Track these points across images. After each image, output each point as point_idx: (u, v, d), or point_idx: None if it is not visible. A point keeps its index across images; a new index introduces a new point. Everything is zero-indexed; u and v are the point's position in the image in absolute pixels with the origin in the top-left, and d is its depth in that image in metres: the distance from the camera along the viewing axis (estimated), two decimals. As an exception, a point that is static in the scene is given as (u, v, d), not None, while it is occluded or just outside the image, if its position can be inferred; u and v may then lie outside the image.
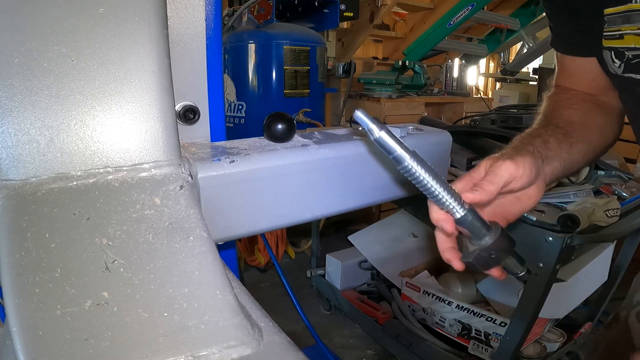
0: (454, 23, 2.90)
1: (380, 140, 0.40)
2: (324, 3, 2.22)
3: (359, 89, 2.66)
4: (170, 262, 0.41)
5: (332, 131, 0.79)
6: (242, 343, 0.38)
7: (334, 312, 2.00)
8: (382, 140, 0.40)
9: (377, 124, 0.40)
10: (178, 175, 0.49)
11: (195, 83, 0.66)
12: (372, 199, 0.76)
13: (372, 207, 2.59)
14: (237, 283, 0.47)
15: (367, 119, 0.40)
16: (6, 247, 0.37)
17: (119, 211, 0.43)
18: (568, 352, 1.50)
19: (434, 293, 1.54)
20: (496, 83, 4.57)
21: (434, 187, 0.42)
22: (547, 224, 0.97)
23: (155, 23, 0.46)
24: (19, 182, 0.42)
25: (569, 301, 1.40)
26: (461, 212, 0.43)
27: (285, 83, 2.03)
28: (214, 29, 0.66)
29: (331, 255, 1.93)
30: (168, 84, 0.48)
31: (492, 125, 1.65)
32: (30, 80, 0.41)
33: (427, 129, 0.88)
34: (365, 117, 0.40)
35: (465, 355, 1.43)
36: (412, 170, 0.41)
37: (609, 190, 1.17)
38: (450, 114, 3.03)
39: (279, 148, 0.65)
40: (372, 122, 0.40)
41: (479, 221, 0.45)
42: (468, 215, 0.44)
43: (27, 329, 0.33)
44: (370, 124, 0.40)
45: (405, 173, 0.42)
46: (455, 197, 0.43)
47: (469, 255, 0.46)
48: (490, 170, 0.49)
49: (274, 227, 0.67)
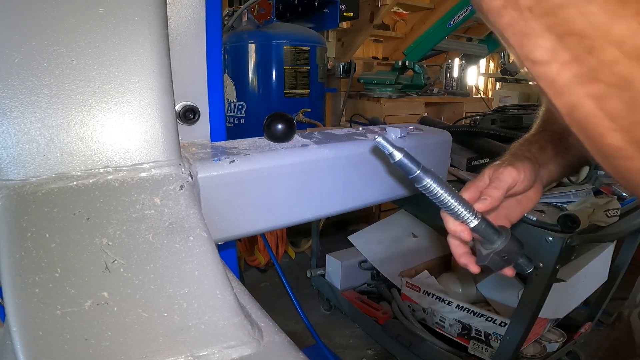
0: (454, 23, 2.90)
1: (401, 162, 0.43)
2: (324, 3, 2.21)
3: (359, 89, 2.66)
4: (170, 262, 0.41)
5: (332, 131, 0.79)
6: (242, 343, 0.38)
7: (334, 312, 2.00)
8: (403, 163, 0.43)
9: (397, 149, 0.43)
10: (178, 175, 0.49)
11: (195, 83, 0.66)
12: (372, 199, 0.76)
13: (372, 207, 2.59)
14: (237, 283, 0.47)
15: (389, 144, 0.43)
16: (6, 247, 0.37)
17: (119, 211, 0.43)
18: (568, 352, 1.50)
19: (434, 293, 1.54)
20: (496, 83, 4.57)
21: (451, 202, 0.46)
22: (547, 224, 0.97)
23: (155, 23, 0.46)
24: (19, 182, 0.42)
25: (569, 301, 1.40)
26: (475, 222, 0.47)
27: (285, 83, 2.03)
28: (214, 29, 0.66)
29: (331, 255, 1.93)
30: (168, 84, 0.48)
31: (492, 125, 1.65)
32: (30, 80, 0.41)
33: (427, 129, 0.88)
34: (387, 144, 0.43)
35: (465, 355, 1.43)
36: (431, 188, 0.45)
37: (609, 190, 1.17)
38: (450, 114, 3.03)
39: (279, 148, 0.65)
40: (393, 147, 0.43)
41: (491, 227, 0.48)
42: (482, 224, 0.47)
43: (27, 329, 0.33)
44: (390, 149, 0.43)
45: (425, 191, 0.45)
46: (468, 208, 0.47)
47: (483, 259, 0.50)
48: (494, 177, 0.52)
49: (274, 227, 0.67)
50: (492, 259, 0.49)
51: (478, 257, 0.51)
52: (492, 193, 0.50)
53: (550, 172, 0.58)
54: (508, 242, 0.48)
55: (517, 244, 0.50)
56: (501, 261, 0.49)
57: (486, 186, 0.52)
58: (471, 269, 0.52)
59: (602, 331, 1.75)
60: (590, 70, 0.22)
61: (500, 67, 4.19)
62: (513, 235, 0.50)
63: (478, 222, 0.47)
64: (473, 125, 1.54)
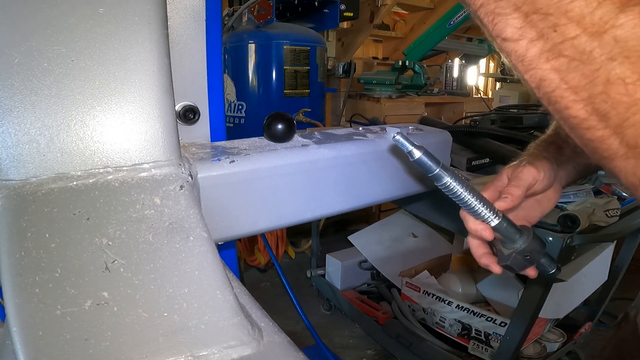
0: (454, 23, 2.90)
1: (420, 160, 0.42)
2: (324, 3, 2.22)
3: (359, 89, 2.66)
4: (170, 262, 0.41)
5: (332, 131, 0.79)
6: (242, 343, 0.38)
7: (334, 312, 2.00)
8: (422, 161, 0.42)
9: (416, 147, 0.42)
10: (178, 175, 0.49)
11: (195, 83, 0.66)
12: (372, 199, 0.76)
13: (372, 207, 2.60)
14: (237, 283, 0.47)
15: (407, 142, 0.42)
16: (6, 247, 0.37)
17: (119, 211, 0.43)
18: (568, 352, 1.50)
19: (434, 293, 1.54)
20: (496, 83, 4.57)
21: (471, 200, 0.45)
22: (547, 224, 0.97)
23: (155, 23, 0.46)
24: (19, 182, 0.42)
25: (569, 301, 1.40)
26: (496, 221, 0.46)
27: (285, 83, 2.03)
28: (214, 29, 0.66)
29: (331, 255, 1.93)
30: (168, 84, 0.48)
31: (492, 125, 1.65)
32: (30, 80, 0.41)
33: (427, 129, 0.88)
34: (405, 141, 0.42)
35: (465, 355, 1.43)
36: (451, 186, 0.44)
37: (609, 190, 1.17)
38: (450, 114, 3.03)
39: (279, 148, 0.65)
40: (412, 144, 0.42)
41: (512, 226, 0.47)
42: (503, 223, 0.46)
43: (27, 329, 0.33)
44: (409, 147, 0.42)
45: (444, 189, 0.44)
46: (489, 207, 0.46)
47: (505, 259, 0.49)
48: (514, 176, 0.51)
49: (274, 227, 0.67)
50: (515, 259, 0.48)
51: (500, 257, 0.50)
52: (513, 191, 0.49)
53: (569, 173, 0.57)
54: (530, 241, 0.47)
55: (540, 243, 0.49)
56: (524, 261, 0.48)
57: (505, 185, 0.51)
58: (493, 270, 0.51)
59: (605, 331, 1.76)
60: (553, 45, 0.24)
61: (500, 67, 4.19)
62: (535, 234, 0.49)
63: (499, 221, 0.46)
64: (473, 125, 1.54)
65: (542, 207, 0.57)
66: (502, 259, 0.49)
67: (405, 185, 0.79)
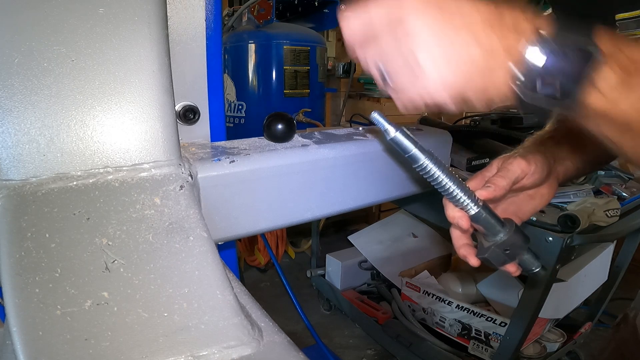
0: (454, 23, 2.90)
1: (396, 139, 0.42)
2: (324, 3, 2.21)
3: (359, 89, 2.66)
4: (170, 262, 0.41)
5: (332, 131, 0.79)
6: (242, 343, 0.38)
7: (334, 312, 2.00)
8: (398, 140, 0.42)
9: (393, 125, 0.42)
10: (178, 175, 0.49)
11: (195, 83, 0.66)
12: (372, 199, 0.76)
13: (372, 207, 2.59)
14: (237, 283, 0.47)
15: (384, 120, 0.42)
16: (6, 247, 0.37)
17: (119, 211, 0.43)
18: (568, 352, 1.50)
19: (434, 293, 1.54)
20: (496, 83, 4.56)
21: (449, 185, 0.44)
22: (547, 224, 0.97)
23: (155, 23, 0.46)
24: (19, 182, 0.42)
25: (569, 301, 1.40)
26: (475, 209, 0.45)
27: (285, 83, 2.03)
28: (214, 29, 0.66)
29: (331, 255, 1.93)
30: (168, 84, 0.48)
31: (493, 125, 1.65)
32: (30, 80, 0.41)
33: (427, 129, 0.88)
34: (382, 119, 0.42)
35: (465, 355, 1.43)
36: (428, 168, 0.43)
37: (609, 190, 1.17)
38: (450, 114, 3.03)
39: (279, 148, 0.65)
40: (388, 123, 0.42)
41: (493, 218, 0.46)
42: (482, 212, 0.45)
43: (27, 329, 0.33)
44: (386, 125, 0.42)
45: (421, 171, 0.43)
46: (469, 195, 0.45)
47: (483, 251, 0.47)
48: (502, 167, 0.50)
49: (274, 227, 0.67)
50: (493, 252, 0.46)
51: (479, 250, 0.48)
52: (497, 182, 0.47)
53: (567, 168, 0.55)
54: (511, 234, 0.46)
55: (522, 238, 0.47)
56: (503, 255, 0.46)
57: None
58: (470, 262, 0.49)
59: (605, 331, 1.76)
60: None
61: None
62: (517, 228, 0.47)
63: (478, 210, 0.45)
64: (473, 125, 1.55)
65: (534, 203, 0.55)
66: (481, 251, 0.48)
67: (405, 185, 0.79)
